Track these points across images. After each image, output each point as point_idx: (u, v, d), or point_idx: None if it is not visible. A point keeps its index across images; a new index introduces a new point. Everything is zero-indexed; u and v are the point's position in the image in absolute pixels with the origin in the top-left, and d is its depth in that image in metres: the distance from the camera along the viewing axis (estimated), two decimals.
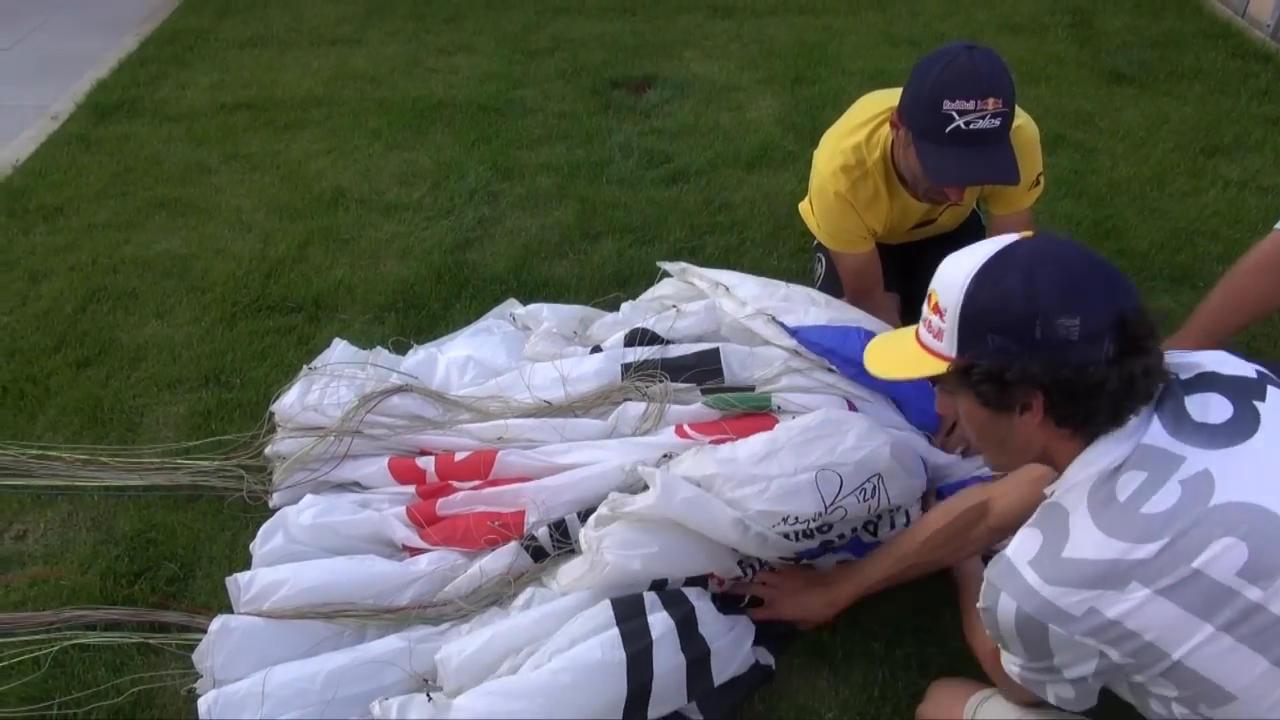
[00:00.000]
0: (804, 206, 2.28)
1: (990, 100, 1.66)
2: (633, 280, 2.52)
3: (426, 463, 1.85)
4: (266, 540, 1.72)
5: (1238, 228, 2.71)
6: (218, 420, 2.13)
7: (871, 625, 1.66)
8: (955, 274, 1.06)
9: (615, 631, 1.44)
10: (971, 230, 2.22)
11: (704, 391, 1.87)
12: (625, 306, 2.25)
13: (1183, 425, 1.02)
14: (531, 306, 2.29)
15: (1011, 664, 1.13)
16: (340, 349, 2.18)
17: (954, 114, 1.66)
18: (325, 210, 2.95)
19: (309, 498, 1.80)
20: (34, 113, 3.67)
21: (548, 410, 1.94)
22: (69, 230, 2.89)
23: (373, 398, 1.96)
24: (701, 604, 1.53)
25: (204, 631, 1.61)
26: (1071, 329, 0.98)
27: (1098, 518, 0.99)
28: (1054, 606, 0.98)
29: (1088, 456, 1.04)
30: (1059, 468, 1.08)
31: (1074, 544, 0.99)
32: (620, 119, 3.46)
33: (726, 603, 1.62)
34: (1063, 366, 0.99)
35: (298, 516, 1.74)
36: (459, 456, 1.82)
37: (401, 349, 2.26)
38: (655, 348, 2.00)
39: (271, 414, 2.05)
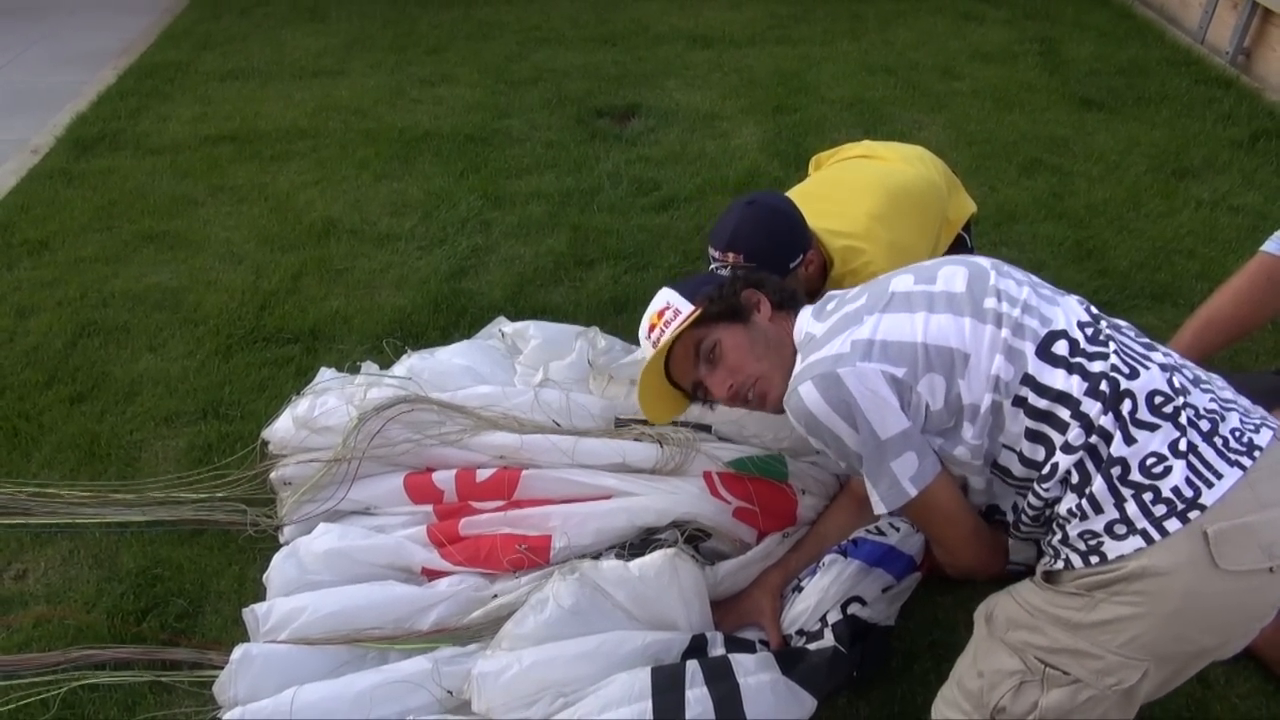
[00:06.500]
0: None
1: (730, 254, 1.82)
2: (629, 306, 2.54)
3: (445, 481, 1.83)
4: (280, 571, 1.70)
5: (1213, 246, 2.80)
6: (219, 453, 2.11)
7: (888, 642, 1.67)
8: (654, 300, 1.63)
9: (649, 704, 1.42)
10: None
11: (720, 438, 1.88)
12: None
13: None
14: (520, 324, 2.27)
15: (873, 479, 1.33)
16: (327, 378, 2.16)
17: (711, 258, 1.87)
18: (316, 241, 2.94)
19: (322, 525, 1.78)
20: (13, 146, 3.63)
21: (555, 430, 1.94)
22: (55, 264, 2.85)
23: (370, 416, 1.91)
24: (750, 680, 1.48)
25: (216, 667, 1.60)
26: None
27: (822, 319, 1.46)
28: (830, 357, 1.32)
29: (804, 314, 1.53)
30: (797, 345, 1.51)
31: (805, 338, 1.45)
32: (607, 147, 3.49)
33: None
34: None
35: (311, 544, 1.72)
36: (481, 476, 1.81)
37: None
38: None
39: (265, 442, 2.03)
